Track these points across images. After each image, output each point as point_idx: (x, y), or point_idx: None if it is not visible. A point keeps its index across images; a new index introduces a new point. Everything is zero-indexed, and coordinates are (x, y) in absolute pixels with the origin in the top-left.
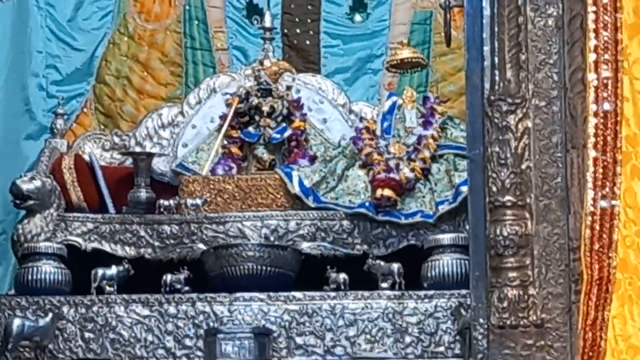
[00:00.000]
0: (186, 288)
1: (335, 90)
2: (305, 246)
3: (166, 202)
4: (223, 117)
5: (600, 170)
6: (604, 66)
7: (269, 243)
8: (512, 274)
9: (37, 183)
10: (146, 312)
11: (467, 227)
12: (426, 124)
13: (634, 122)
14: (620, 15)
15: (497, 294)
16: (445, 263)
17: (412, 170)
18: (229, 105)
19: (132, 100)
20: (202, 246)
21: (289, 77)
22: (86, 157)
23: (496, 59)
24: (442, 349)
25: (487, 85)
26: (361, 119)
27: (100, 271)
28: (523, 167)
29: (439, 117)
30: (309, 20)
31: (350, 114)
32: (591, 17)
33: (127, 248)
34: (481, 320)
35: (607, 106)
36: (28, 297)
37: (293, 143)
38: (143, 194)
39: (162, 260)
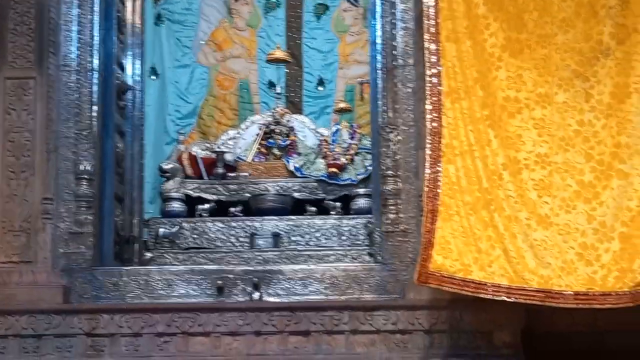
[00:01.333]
0: (240, 214)
1: (309, 121)
2: (296, 195)
3: (231, 174)
4: (257, 135)
5: (431, 160)
6: (434, 113)
7: (279, 193)
8: (391, 207)
9: (170, 165)
10: (221, 225)
11: (372, 185)
12: (352, 138)
13: (447, 135)
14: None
15: (384, 216)
16: (361, 202)
17: (346, 159)
18: (260, 129)
19: (215, 127)
20: (247, 195)
21: (288, 115)
22: (194, 153)
23: (383, 108)
24: (359, 242)
25: (380, 119)
26: (322, 135)
27: (199, 206)
28: (396, 158)
29: (358, 135)
30: (297, 89)
31: (317, 133)
32: (428, 85)
33: (212, 196)
34: (377, 229)
35: (435, 129)
36: (167, 218)
37: (290, 147)
38: (220, 170)
39: (228, 201)
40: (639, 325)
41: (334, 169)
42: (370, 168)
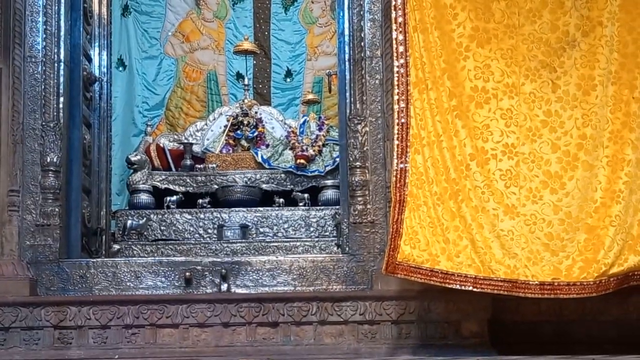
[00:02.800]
0: (208, 206)
1: (277, 113)
2: (264, 186)
3: (199, 165)
4: (225, 126)
5: (399, 150)
6: (402, 103)
7: (247, 185)
8: (359, 198)
9: (138, 157)
10: (189, 217)
11: (339, 176)
12: (320, 129)
13: (415, 125)
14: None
15: (352, 207)
16: (329, 193)
17: (314, 151)
18: (228, 120)
19: (182, 119)
20: (215, 186)
21: (256, 107)
22: (161, 145)
23: (351, 100)
24: (327, 233)
25: (348, 111)
26: (290, 127)
27: (167, 198)
28: (364, 149)
29: (326, 126)
30: (265, 80)
31: (285, 125)
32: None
33: (180, 187)
34: (345, 220)
35: (403, 120)
36: (134, 210)
37: (258, 138)
38: (188, 162)
39: (196, 193)
40: (604, 314)
41: (302, 161)
42: (338, 159)
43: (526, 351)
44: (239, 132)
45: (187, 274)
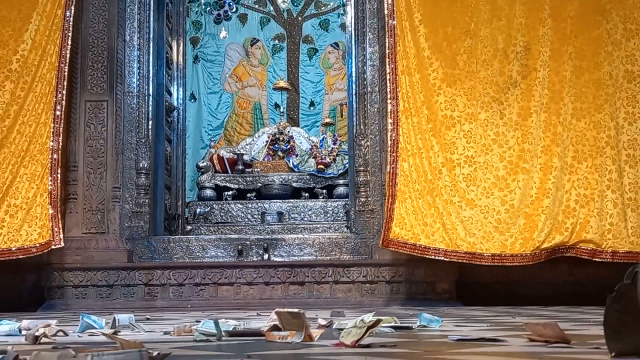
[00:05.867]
0: (254, 198)
1: (304, 132)
2: (294, 184)
3: (248, 169)
4: (267, 142)
5: (391, 159)
6: (393, 125)
7: (282, 183)
8: (362, 193)
9: (204, 163)
10: (240, 206)
11: (348, 177)
12: (334, 144)
13: (402, 141)
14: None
15: (357, 199)
16: (341, 190)
17: (330, 159)
18: (268, 137)
19: (236, 136)
20: (259, 184)
21: (288, 128)
22: (221, 155)
23: (356, 122)
24: (339, 218)
25: (354, 130)
26: (313, 142)
27: (225, 193)
28: (366, 158)
29: (338, 142)
30: (295, 109)
31: (309, 140)
32: (390, 107)
33: (234, 185)
34: (352, 209)
35: (394, 137)
36: (202, 201)
37: (290, 150)
38: (240, 167)
39: (246, 189)
40: (539, 277)
41: (322, 166)
42: (347, 165)
43: (483, 303)
44: (276, 145)
45: (239, 247)
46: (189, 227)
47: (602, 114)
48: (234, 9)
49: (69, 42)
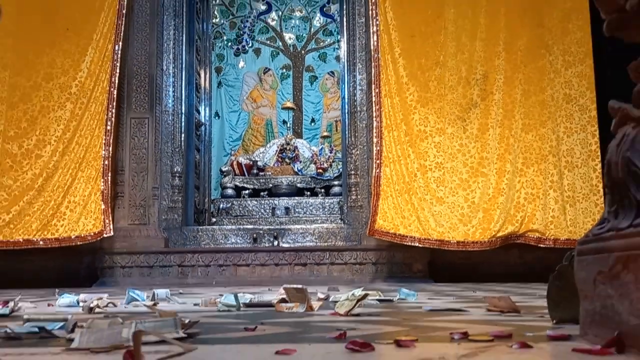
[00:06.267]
0: (266, 196)
1: (306, 143)
2: (298, 185)
3: (261, 173)
4: (276, 151)
5: (376, 165)
6: (377, 138)
7: (289, 184)
8: (353, 192)
9: (226, 168)
10: (255, 202)
11: (342, 180)
12: (331, 152)
13: (385, 151)
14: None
15: (349, 197)
16: (336, 189)
17: (327, 165)
18: (278, 147)
19: (252, 146)
20: (270, 185)
21: (294, 140)
22: (239, 161)
23: (348, 135)
24: (335, 212)
25: (347, 142)
26: (313, 151)
27: (243, 192)
28: (356, 164)
29: (334, 151)
30: (299, 124)
31: (311, 150)
32: (375, 124)
33: (250, 185)
34: (345, 205)
35: (378, 148)
36: (224, 198)
37: (295, 157)
38: (254, 171)
39: (260, 188)
40: (495, 259)
41: (321, 170)
42: (341, 170)
43: (450, 281)
44: (284, 154)
45: (254, 235)
46: (214, 219)
47: (545, 129)
48: (250, 44)
49: (117, 71)
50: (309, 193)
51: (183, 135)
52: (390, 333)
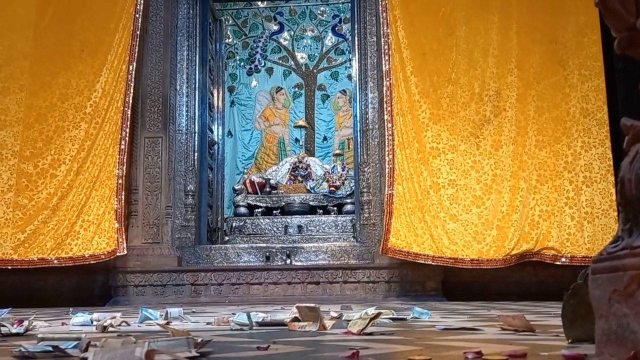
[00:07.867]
0: (279, 214)
1: (318, 161)
2: (311, 203)
3: (274, 191)
4: (289, 169)
5: (389, 183)
6: (390, 156)
7: (301, 202)
8: (366, 210)
9: (239, 186)
10: (268, 220)
11: (354, 197)
12: (343, 170)
13: (397, 168)
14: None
15: (362, 215)
16: (349, 207)
17: (340, 183)
18: (290, 165)
19: (264, 164)
20: (283, 203)
21: (306, 158)
22: (252, 179)
23: (360, 153)
24: (347, 230)
25: (359, 160)
26: (325, 169)
27: (256, 210)
28: (368, 182)
29: (346, 169)
30: (311, 142)
31: (323, 167)
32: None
33: (263, 203)
34: (358, 222)
35: (390, 166)
36: (237, 217)
37: (307, 175)
38: (267, 189)
39: (272, 207)
40: (509, 278)
41: (333, 188)
42: (353, 187)
43: (463, 299)
44: (296, 172)
45: (267, 253)
46: (226, 238)
47: (560, 144)
48: (263, 64)
49: (132, 91)
50: (321, 211)
51: (196, 154)
52: (404, 352)
